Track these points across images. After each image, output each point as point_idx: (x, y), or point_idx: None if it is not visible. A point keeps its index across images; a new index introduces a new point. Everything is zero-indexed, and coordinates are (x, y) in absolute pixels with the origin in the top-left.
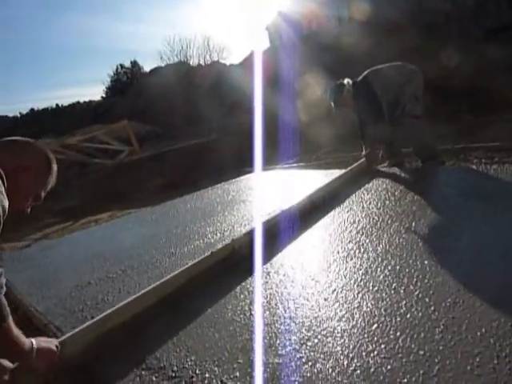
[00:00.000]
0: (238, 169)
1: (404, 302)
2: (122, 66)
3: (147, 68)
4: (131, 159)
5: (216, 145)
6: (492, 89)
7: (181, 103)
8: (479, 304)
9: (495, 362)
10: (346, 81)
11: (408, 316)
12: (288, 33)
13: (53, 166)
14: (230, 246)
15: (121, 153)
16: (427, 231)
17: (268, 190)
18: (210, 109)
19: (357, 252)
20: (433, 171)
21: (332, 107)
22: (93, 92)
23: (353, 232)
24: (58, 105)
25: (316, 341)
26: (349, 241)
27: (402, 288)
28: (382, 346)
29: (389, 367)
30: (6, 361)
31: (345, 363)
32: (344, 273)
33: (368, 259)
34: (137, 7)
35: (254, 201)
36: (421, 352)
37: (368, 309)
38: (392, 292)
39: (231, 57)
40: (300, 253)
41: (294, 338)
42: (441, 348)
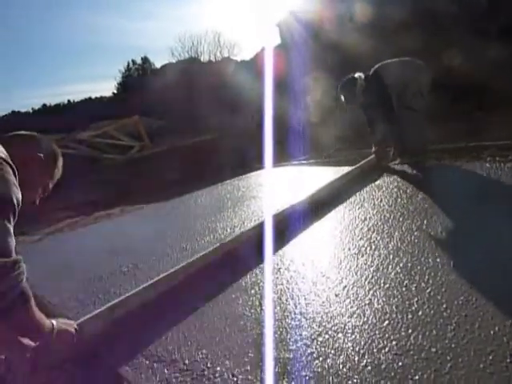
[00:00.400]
0: (248, 165)
1: (416, 300)
2: (134, 62)
3: (158, 64)
4: (142, 155)
5: (226, 141)
6: (504, 87)
7: (191, 99)
8: (492, 302)
9: (508, 361)
10: (358, 75)
11: (420, 313)
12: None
13: (59, 158)
14: (240, 239)
15: (132, 148)
16: (439, 229)
17: (278, 187)
18: (220, 105)
19: (368, 249)
20: (445, 169)
21: (343, 103)
22: (104, 88)
23: (364, 229)
24: (70, 100)
25: (327, 336)
26: (360, 238)
27: (414, 285)
28: (394, 343)
29: (400, 364)
30: (27, 340)
31: (356, 359)
32: (355, 269)
33: (379, 256)
34: (148, 4)
35: (265, 197)
36: (433, 349)
37: (379, 305)
38: (403, 289)
39: (242, 53)
40: (311, 249)
41: (305, 334)
42: (453, 346)
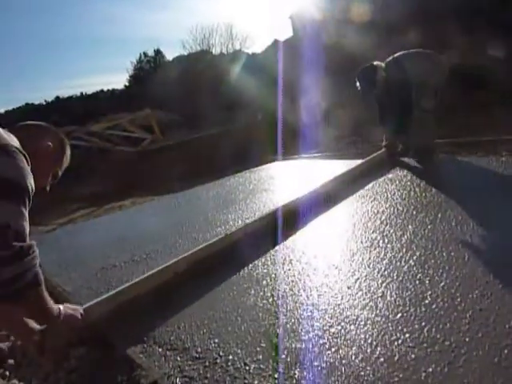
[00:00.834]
0: (260, 158)
1: (429, 293)
2: (146, 55)
3: (170, 56)
4: (154, 147)
5: (237, 134)
6: None
7: (202, 92)
8: (508, 297)
9: None
10: (377, 63)
11: (433, 306)
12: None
13: (66, 147)
14: (251, 229)
15: (143, 141)
16: (454, 223)
17: (289, 179)
18: (232, 98)
19: (381, 242)
20: (460, 163)
21: (360, 93)
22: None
23: (377, 222)
24: (83, 93)
25: (339, 328)
26: (372, 231)
27: (428, 278)
28: (407, 335)
29: (413, 356)
30: (34, 323)
31: (368, 351)
32: (367, 262)
33: (392, 249)
34: None
35: (276, 189)
36: (446, 342)
37: (392, 298)
38: (417, 282)
39: (254, 46)
40: (322, 242)
41: (317, 325)
42: (467, 339)
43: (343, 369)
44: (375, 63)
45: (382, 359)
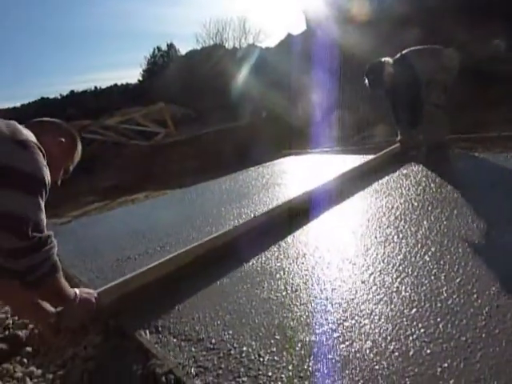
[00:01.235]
0: (273, 152)
1: (445, 289)
2: (159, 49)
3: (183, 51)
4: (167, 141)
5: (251, 128)
6: None
7: (215, 86)
8: None
9: None
10: (385, 59)
11: (449, 302)
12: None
13: (78, 142)
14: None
15: (157, 135)
16: (470, 219)
17: (302, 173)
18: (245, 92)
19: (395, 237)
20: (477, 159)
21: (368, 88)
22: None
23: (391, 217)
24: (97, 87)
25: (353, 322)
26: (387, 226)
27: (443, 274)
28: (422, 331)
29: (428, 351)
30: (49, 305)
31: (383, 345)
32: (382, 257)
33: (407, 245)
34: None
35: (289, 183)
36: (462, 338)
37: (407, 293)
38: (432, 278)
39: (267, 40)
40: (336, 236)
41: (331, 318)
42: (483, 335)
43: (357, 362)
44: (383, 59)
45: (397, 353)
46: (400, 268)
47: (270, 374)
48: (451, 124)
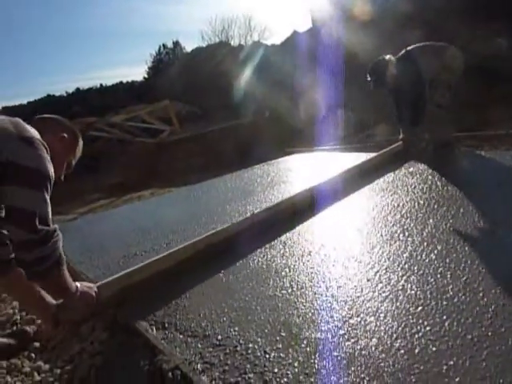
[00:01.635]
0: (277, 150)
1: (451, 287)
2: (165, 47)
3: (189, 48)
4: (172, 138)
5: (254, 127)
6: None
7: (220, 84)
8: None
9: None
10: (388, 57)
11: (455, 300)
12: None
13: (79, 138)
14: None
15: (162, 132)
16: (476, 218)
17: (307, 171)
18: (250, 90)
19: (401, 235)
20: (483, 157)
21: (372, 86)
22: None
23: (397, 215)
24: (102, 85)
25: (359, 319)
26: (392, 224)
27: (449, 273)
28: (428, 328)
29: (434, 349)
30: (50, 297)
31: (388, 342)
32: (387, 255)
33: (413, 243)
34: None
35: (294, 181)
36: (468, 336)
37: (412, 291)
38: (438, 276)
39: (273, 38)
40: (342, 234)
41: (337, 316)
42: (490, 334)
43: (363, 360)
44: (386, 57)
45: (403, 351)
46: (406, 266)
47: (276, 371)
48: (456, 123)
